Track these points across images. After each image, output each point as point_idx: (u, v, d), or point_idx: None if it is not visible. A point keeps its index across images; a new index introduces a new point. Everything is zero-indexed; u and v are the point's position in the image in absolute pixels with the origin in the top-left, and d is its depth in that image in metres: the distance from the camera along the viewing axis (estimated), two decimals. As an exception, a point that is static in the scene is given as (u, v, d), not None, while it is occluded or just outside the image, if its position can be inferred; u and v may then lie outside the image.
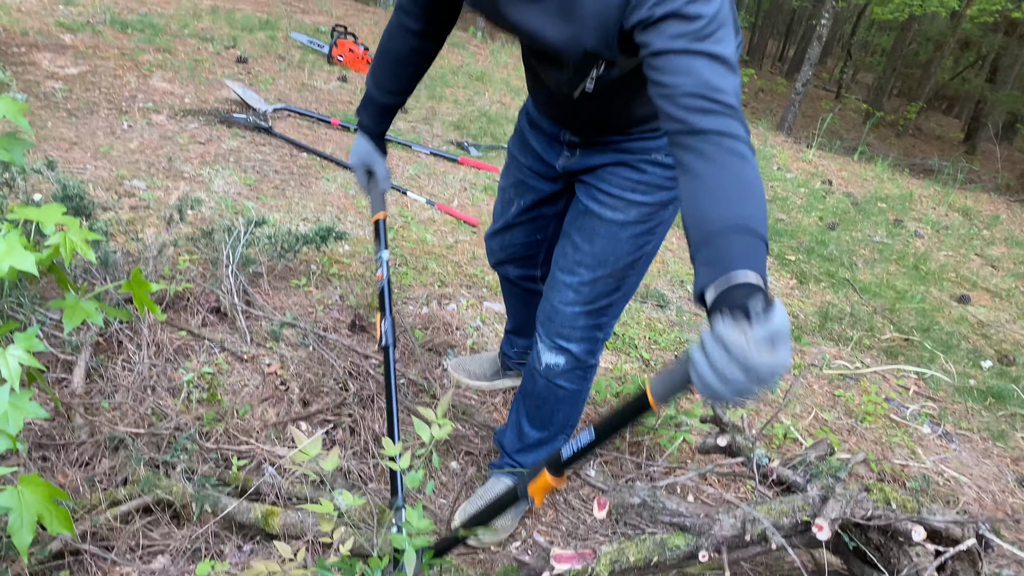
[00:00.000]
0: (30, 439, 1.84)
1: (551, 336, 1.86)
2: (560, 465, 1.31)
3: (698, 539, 1.59)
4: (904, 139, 18.04)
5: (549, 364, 1.89)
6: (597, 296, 1.78)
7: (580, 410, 2.06)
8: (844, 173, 7.75)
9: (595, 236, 1.73)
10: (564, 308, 1.81)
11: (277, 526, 1.73)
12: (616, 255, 1.73)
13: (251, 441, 2.01)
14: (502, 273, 2.26)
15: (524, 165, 1.96)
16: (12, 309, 2.03)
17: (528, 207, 2.01)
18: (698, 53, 1.15)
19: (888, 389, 3.44)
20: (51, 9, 6.06)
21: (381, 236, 1.94)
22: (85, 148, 3.69)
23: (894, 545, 1.73)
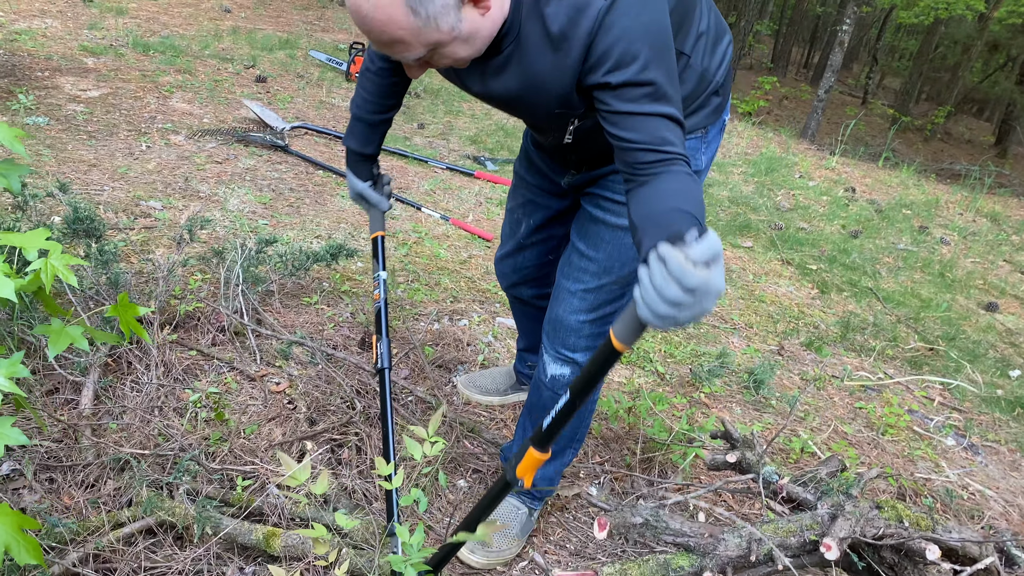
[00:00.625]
0: (36, 460, 1.85)
1: (556, 347, 1.86)
2: (543, 438, 1.33)
3: (702, 560, 1.56)
4: (932, 144, 17.78)
5: (554, 375, 1.88)
6: (602, 303, 1.78)
7: (587, 423, 2.04)
8: (868, 180, 7.64)
9: (601, 242, 1.73)
10: (569, 317, 1.80)
11: (279, 548, 1.72)
12: (622, 261, 1.73)
13: (256, 461, 2.01)
14: (515, 295, 2.26)
15: (532, 184, 1.97)
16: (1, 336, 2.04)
17: (538, 226, 2.02)
18: (650, 114, 1.26)
19: (911, 400, 3.37)
20: (75, 33, 6.17)
21: (379, 255, 1.94)
22: (104, 170, 3.74)
23: (908, 564, 1.68)
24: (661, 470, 2.40)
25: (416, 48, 1.24)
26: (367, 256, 3.45)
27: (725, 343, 3.48)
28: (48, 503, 1.77)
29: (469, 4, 1.23)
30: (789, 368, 3.42)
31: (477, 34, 1.28)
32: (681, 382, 3.05)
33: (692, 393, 2.99)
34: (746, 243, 4.95)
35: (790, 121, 14.76)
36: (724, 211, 5.53)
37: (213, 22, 7.93)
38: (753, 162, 7.12)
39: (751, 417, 2.92)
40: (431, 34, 1.22)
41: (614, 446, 2.51)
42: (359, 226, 3.77)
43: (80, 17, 6.69)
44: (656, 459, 2.42)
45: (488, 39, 1.31)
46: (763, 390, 3.07)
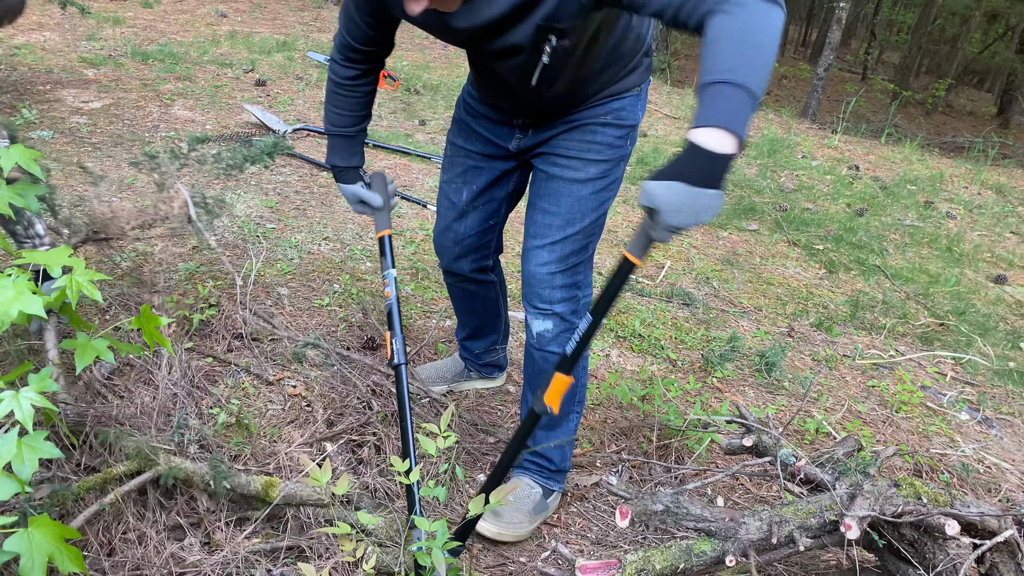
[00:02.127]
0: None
1: (534, 302, 1.95)
2: (569, 362, 1.50)
3: (724, 544, 1.58)
4: (934, 117, 17.69)
5: (539, 332, 1.96)
6: (569, 254, 1.89)
7: (584, 382, 2.11)
8: (871, 157, 7.62)
9: (561, 197, 1.86)
10: (539, 270, 1.91)
11: (277, 496, 1.76)
12: (582, 212, 1.86)
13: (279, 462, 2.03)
14: (455, 271, 2.30)
15: (472, 151, 2.05)
16: (31, 349, 2.07)
17: (481, 190, 2.09)
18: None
19: (924, 377, 3.38)
20: (74, 45, 6.20)
21: (387, 253, 1.98)
22: (111, 181, 3.76)
23: (928, 540, 1.70)
24: (678, 456, 2.42)
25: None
26: (375, 256, 3.47)
27: (735, 327, 3.49)
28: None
29: None
30: (800, 349, 3.43)
31: None
32: (693, 368, 3.07)
33: (705, 378, 3.00)
34: (751, 226, 4.95)
35: (790, 101, 14.71)
36: (728, 195, 5.53)
37: (210, 27, 7.95)
38: (755, 144, 7.11)
39: (764, 400, 2.94)
40: None
41: (630, 434, 2.53)
42: (366, 225, 3.79)
43: (78, 29, 6.71)
44: (672, 446, 2.44)
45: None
46: (775, 372, 3.09)
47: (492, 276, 2.34)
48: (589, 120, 1.82)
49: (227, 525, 1.86)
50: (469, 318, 2.47)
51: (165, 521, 1.82)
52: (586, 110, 1.82)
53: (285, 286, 3.02)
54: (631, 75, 1.82)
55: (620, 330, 3.22)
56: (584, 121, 1.82)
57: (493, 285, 2.37)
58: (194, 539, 1.82)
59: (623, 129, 1.84)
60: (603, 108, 1.82)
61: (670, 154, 6.23)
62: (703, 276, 4.01)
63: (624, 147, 1.87)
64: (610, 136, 1.82)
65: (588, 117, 1.82)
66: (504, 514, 2.01)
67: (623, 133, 1.84)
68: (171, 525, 1.80)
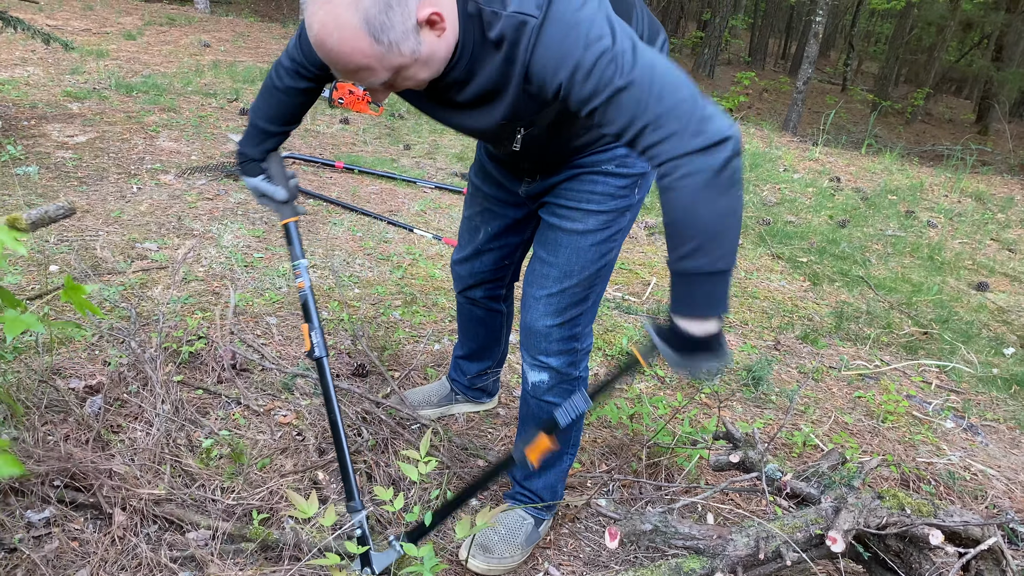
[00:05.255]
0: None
1: (531, 353, 1.94)
2: (559, 431, 1.59)
3: (713, 561, 1.60)
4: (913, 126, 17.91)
5: (534, 382, 1.97)
6: (567, 306, 1.86)
7: (579, 426, 2.11)
8: (852, 168, 7.71)
9: (559, 248, 1.82)
10: (537, 323, 1.89)
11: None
12: (581, 264, 1.81)
13: (270, 493, 2.05)
14: (467, 296, 2.33)
15: (488, 195, 2.06)
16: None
17: (496, 234, 2.10)
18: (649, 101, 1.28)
19: (909, 386, 3.42)
20: (58, 79, 6.22)
21: (295, 242, 1.91)
22: (97, 215, 3.77)
23: (914, 550, 1.73)
24: (667, 474, 2.44)
25: (381, 73, 1.32)
26: (365, 282, 3.49)
27: (722, 342, 3.52)
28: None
29: (426, 27, 1.30)
30: (786, 362, 3.47)
31: (435, 55, 1.35)
32: (681, 384, 3.10)
33: (693, 395, 3.03)
34: (736, 241, 5.00)
35: (771, 114, 14.86)
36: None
37: (193, 58, 7.99)
38: (737, 159, 7.18)
39: (752, 414, 2.97)
40: (394, 59, 1.30)
41: (620, 453, 2.55)
42: (353, 252, 3.82)
43: (61, 63, 6.74)
44: (662, 463, 2.47)
45: (445, 59, 1.38)
46: (762, 386, 3.12)
47: (502, 306, 2.34)
48: (591, 168, 1.76)
49: (220, 557, 1.87)
50: (470, 339, 2.47)
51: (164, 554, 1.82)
52: (591, 155, 1.76)
53: (274, 315, 3.03)
54: None
55: (607, 348, 3.25)
56: (587, 168, 1.76)
57: (501, 314, 2.38)
58: (188, 573, 1.83)
59: (627, 179, 1.76)
60: (607, 155, 1.75)
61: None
62: (689, 292, 4.04)
63: (629, 197, 1.79)
64: (612, 186, 1.76)
65: (591, 164, 1.76)
66: (495, 549, 1.99)
67: (628, 183, 1.77)
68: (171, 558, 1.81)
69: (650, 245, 4.70)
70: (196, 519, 1.95)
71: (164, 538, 1.91)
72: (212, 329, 2.79)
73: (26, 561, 1.78)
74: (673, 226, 1.30)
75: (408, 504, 2.04)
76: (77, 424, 2.21)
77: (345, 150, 5.72)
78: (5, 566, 1.77)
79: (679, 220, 1.28)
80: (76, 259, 3.21)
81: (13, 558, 1.79)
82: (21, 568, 1.77)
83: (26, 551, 1.79)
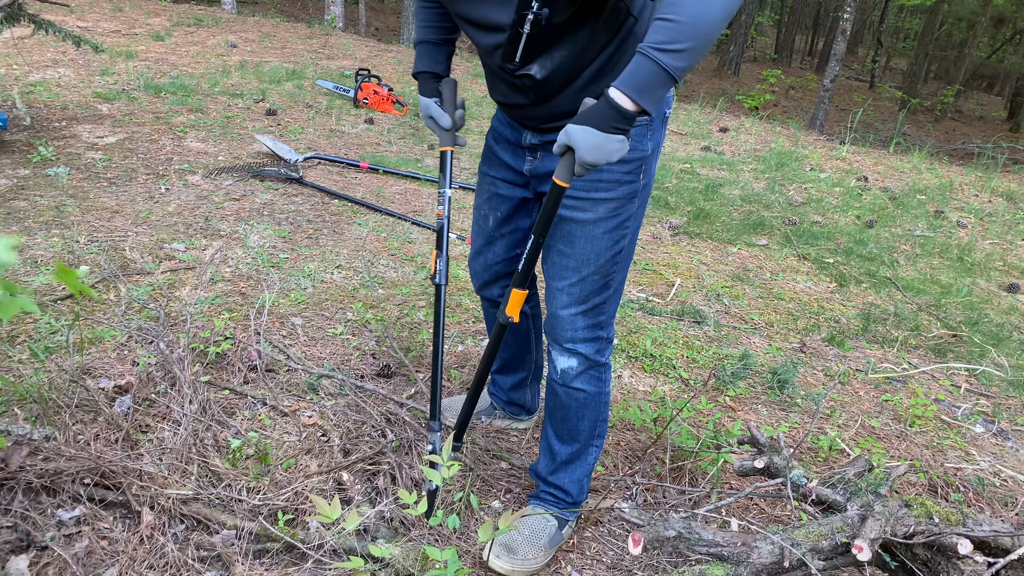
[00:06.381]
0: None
1: (560, 341, 1.97)
2: (521, 278, 1.77)
3: (736, 568, 1.59)
4: (943, 124, 17.65)
5: (563, 369, 1.98)
6: (588, 295, 1.90)
7: (605, 415, 2.09)
8: (880, 167, 7.62)
9: (574, 239, 1.85)
10: (561, 312, 1.93)
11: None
12: (596, 252, 1.85)
13: (295, 494, 2.06)
14: (488, 296, 2.32)
15: (495, 178, 2.07)
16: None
17: (505, 217, 2.11)
18: None
19: (937, 389, 3.38)
20: (88, 81, 6.31)
21: (447, 170, 2.07)
22: (126, 215, 3.83)
23: (942, 559, 1.70)
24: (691, 478, 2.43)
25: None
26: (388, 282, 3.51)
27: (746, 344, 3.51)
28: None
29: None
30: (812, 365, 3.44)
31: None
32: (705, 387, 3.08)
33: (717, 397, 3.01)
34: (761, 241, 4.97)
35: (797, 111, 14.72)
36: (737, 210, 5.55)
37: (220, 58, 8.07)
38: (763, 158, 7.13)
39: (777, 418, 2.95)
40: None
41: (643, 457, 2.55)
42: (378, 252, 3.84)
43: (91, 64, 6.83)
44: (686, 467, 2.46)
45: None
46: (788, 389, 3.10)
47: (525, 307, 2.33)
48: None
49: (246, 557, 1.89)
50: (501, 350, 2.46)
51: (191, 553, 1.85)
52: None
53: (299, 316, 3.06)
54: None
55: (631, 350, 3.24)
56: None
57: (526, 316, 2.37)
58: (214, 572, 1.85)
59: (631, 163, 1.78)
60: None
61: (677, 170, 6.26)
62: (713, 293, 4.03)
63: (635, 182, 1.82)
64: (617, 172, 1.78)
65: None
66: (519, 550, 2.01)
67: (631, 167, 1.79)
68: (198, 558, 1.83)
69: (674, 245, 4.68)
70: (223, 519, 1.97)
71: (191, 538, 1.93)
72: (239, 330, 2.82)
73: (57, 559, 1.82)
74: (675, 23, 1.39)
75: (434, 508, 2.05)
76: (107, 424, 2.24)
77: (370, 150, 5.75)
78: (37, 563, 1.81)
79: (686, 21, 1.38)
80: (106, 260, 3.25)
81: (44, 556, 1.83)
82: (52, 566, 1.80)
83: (57, 549, 1.82)
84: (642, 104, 1.43)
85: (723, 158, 7.04)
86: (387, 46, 11.52)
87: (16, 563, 1.80)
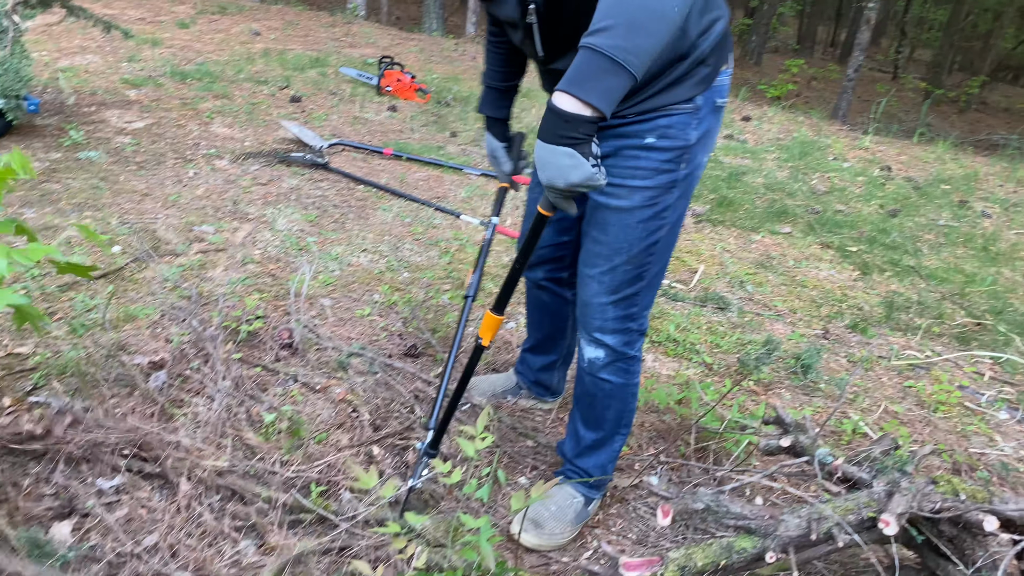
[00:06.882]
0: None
1: (588, 330, 1.96)
2: (497, 301, 1.76)
3: (764, 540, 1.62)
4: (967, 115, 17.46)
5: (591, 359, 1.98)
6: (620, 285, 1.86)
7: (632, 407, 2.10)
8: (903, 157, 7.57)
9: (607, 226, 1.82)
10: (592, 300, 1.91)
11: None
12: (629, 241, 1.80)
13: (328, 467, 2.11)
14: (532, 278, 2.35)
15: None
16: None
17: None
18: None
19: (961, 377, 3.37)
20: (115, 67, 6.38)
21: (497, 204, 2.25)
22: (156, 198, 3.89)
23: (967, 536, 1.72)
24: (716, 458, 2.45)
25: None
26: (413, 266, 3.55)
27: (770, 330, 3.52)
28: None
29: None
30: (835, 351, 3.44)
31: None
32: (729, 371, 3.10)
33: (741, 381, 3.03)
34: (784, 229, 4.96)
35: (820, 102, 14.61)
36: (760, 198, 5.54)
37: (244, 46, 8.12)
38: (786, 147, 7.10)
39: (801, 402, 2.96)
40: None
41: (668, 437, 2.57)
42: (402, 237, 3.88)
43: (118, 51, 6.91)
44: (710, 448, 2.48)
45: None
46: (811, 374, 3.11)
47: (567, 292, 2.31)
48: (633, 142, 1.72)
49: (279, 526, 1.93)
50: (536, 329, 2.48)
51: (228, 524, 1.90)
52: (632, 124, 1.71)
53: (328, 297, 3.11)
54: (679, 85, 1.66)
55: (655, 335, 3.26)
56: (629, 143, 1.72)
57: (566, 304, 2.35)
58: (249, 541, 1.90)
59: (671, 152, 1.71)
60: (648, 125, 1.69)
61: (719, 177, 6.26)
62: (737, 280, 4.04)
63: (675, 171, 1.74)
64: (655, 160, 1.72)
65: (633, 136, 1.71)
66: (546, 525, 2.05)
67: (672, 156, 1.71)
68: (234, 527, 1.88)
69: (698, 232, 4.68)
70: (257, 490, 2.02)
71: (227, 508, 1.98)
72: (269, 309, 2.87)
73: (99, 526, 1.87)
74: (602, 3, 1.31)
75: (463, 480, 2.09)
76: (142, 398, 2.30)
77: (393, 137, 5.78)
78: (79, 529, 1.86)
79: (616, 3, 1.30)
80: (137, 240, 3.31)
81: (87, 522, 1.88)
82: (95, 531, 1.86)
83: (100, 514, 1.88)
84: (583, 96, 1.29)
85: (746, 146, 7.02)
86: (409, 34, 11.55)
87: (60, 528, 1.85)
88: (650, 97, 1.68)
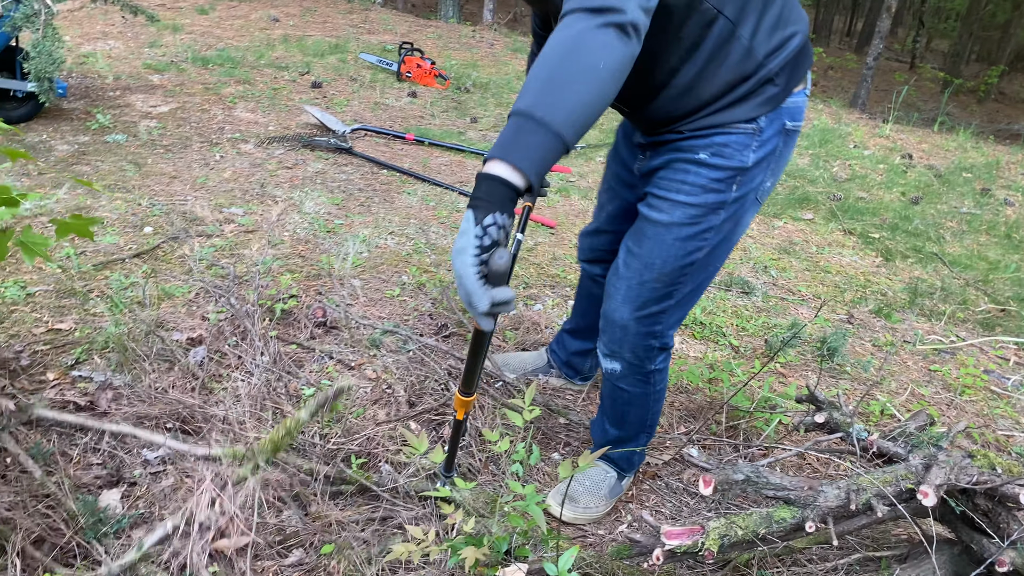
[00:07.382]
0: (171, 449, 2.01)
1: (606, 343, 1.93)
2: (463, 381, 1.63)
3: (803, 511, 1.64)
4: (987, 105, 17.33)
5: (608, 369, 1.98)
6: (645, 302, 1.79)
7: (656, 410, 2.07)
8: (924, 146, 7.54)
9: (643, 238, 1.75)
10: (614, 313, 1.85)
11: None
12: (662, 258, 1.73)
13: (367, 440, 2.15)
14: (587, 269, 2.35)
15: (613, 172, 2.08)
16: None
17: (613, 216, 2.11)
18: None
19: (986, 361, 3.38)
20: (138, 53, 6.43)
21: (521, 222, 2.13)
22: (184, 181, 3.93)
23: (1002, 510, 1.74)
24: (746, 437, 2.48)
25: None
26: (439, 248, 3.58)
27: (795, 314, 3.53)
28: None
29: None
30: (860, 336, 3.45)
31: None
32: (756, 353, 3.12)
33: (768, 363, 3.05)
34: (806, 215, 4.96)
35: (838, 91, 14.54)
36: (782, 185, 5.54)
37: (264, 32, 8.16)
38: (806, 135, 7.09)
39: (828, 384, 2.98)
40: None
41: (699, 416, 2.60)
42: (427, 220, 3.90)
43: (140, 36, 6.96)
44: (740, 427, 2.50)
45: None
46: (837, 358, 3.12)
47: None
48: (686, 154, 1.65)
49: (322, 497, 1.97)
50: (580, 314, 2.48)
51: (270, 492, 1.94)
52: (689, 139, 1.65)
53: (358, 278, 3.14)
54: (741, 104, 1.58)
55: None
56: (681, 156, 1.66)
57: None
58: (292, 511, 1.94)
59: (723, 171, 1.62)
60: (704, 141, 1.62)
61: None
62: (760, 265, 4.05)
63: (724, 192, 1.65)
64: (704, 177, 1.63)
65: (686, 149, 1.65)
66: (580, 499, 2.08)
67: (723, 175, 1.63)
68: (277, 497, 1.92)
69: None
70: (298, 462, 2.05)
71: (269, 479, 2.02)
72: (300, 288, 2.91)
73: (146, 494, 1.92)
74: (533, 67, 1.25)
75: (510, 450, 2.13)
76: (182, 373, 2.34)
77: (414, 122, 5.81)
78: (128, 497, 1.91)
79: (539, 60, 1.23)
80: (166, 221, 3.36)
81: (135, 490, 1.93)
82: (143, 499, 1.90)
83: (145, 484, 1.92)
84: (502, 156, 1.19)
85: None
86: (427, 21, 11.55)
87: (109, 496, 1.90)
88: (709, 115, 1.60)
